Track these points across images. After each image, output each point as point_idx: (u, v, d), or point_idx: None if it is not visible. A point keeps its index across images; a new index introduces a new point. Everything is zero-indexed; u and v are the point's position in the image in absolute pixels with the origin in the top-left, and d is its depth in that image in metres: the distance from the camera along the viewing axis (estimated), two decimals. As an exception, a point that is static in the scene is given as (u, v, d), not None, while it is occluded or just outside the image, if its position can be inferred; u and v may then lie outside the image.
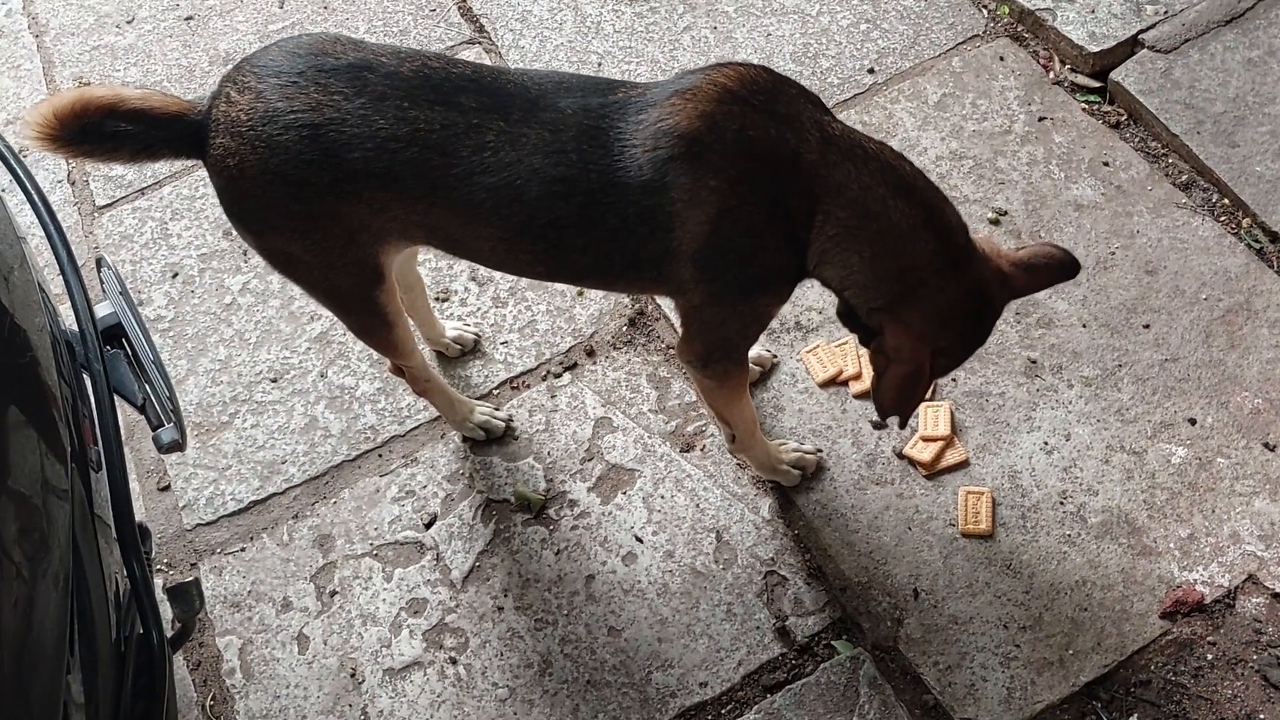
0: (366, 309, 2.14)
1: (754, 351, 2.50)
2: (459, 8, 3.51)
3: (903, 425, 2.19)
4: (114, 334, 1.86)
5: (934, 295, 1.90)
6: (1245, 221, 2.75)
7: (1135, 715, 2.11)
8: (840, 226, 1.89)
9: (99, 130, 1.87)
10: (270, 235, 1.98)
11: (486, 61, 3.33)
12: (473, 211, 1.89)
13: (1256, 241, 2.71)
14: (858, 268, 1.91)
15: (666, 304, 2.76)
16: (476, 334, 2.77)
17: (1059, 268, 2.02)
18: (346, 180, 1.85)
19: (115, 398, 1.74)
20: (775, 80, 1.92)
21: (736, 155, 1.85)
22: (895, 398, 2.00)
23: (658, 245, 1.91)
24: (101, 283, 1.97)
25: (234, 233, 3.01)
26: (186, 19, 3.60)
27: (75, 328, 1.78)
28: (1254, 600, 2.21)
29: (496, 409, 2.63)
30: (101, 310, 1.85)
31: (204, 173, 3.14)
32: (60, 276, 1.74)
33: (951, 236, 1.90)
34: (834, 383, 2.59)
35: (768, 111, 1.88)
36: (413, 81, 1.85)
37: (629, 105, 1.88)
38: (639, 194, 1.85)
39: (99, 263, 1.98)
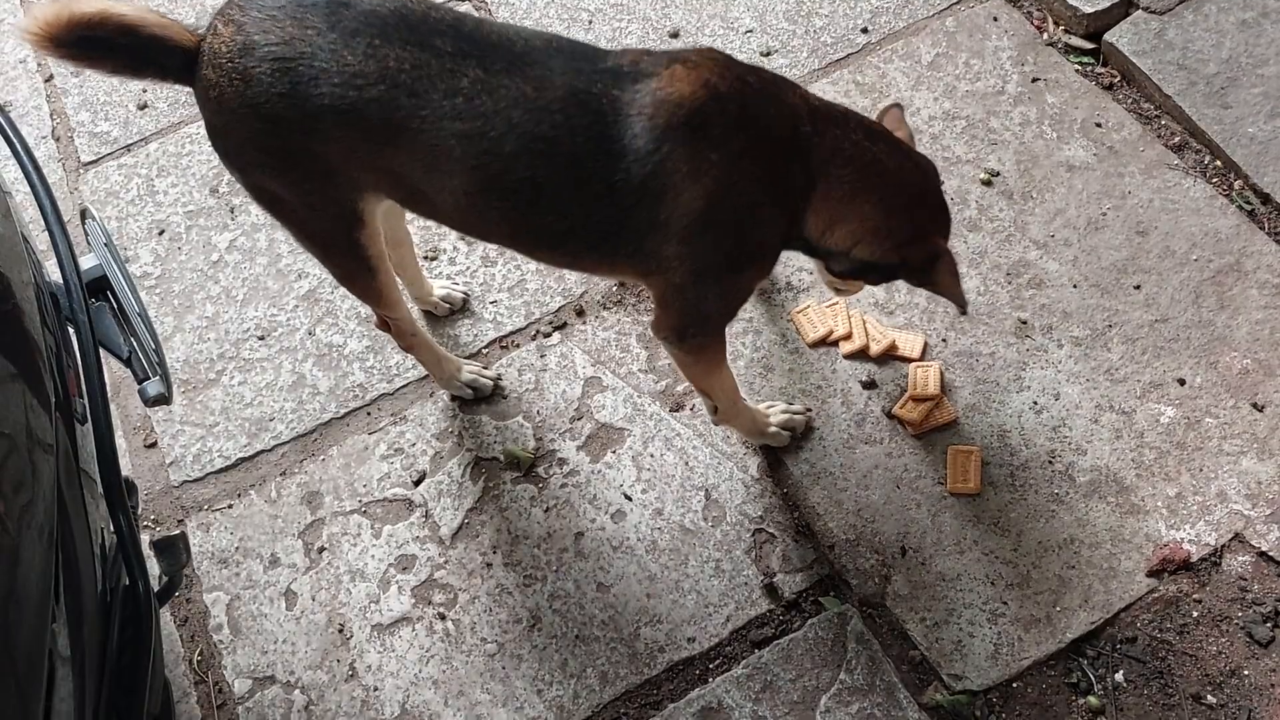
0: (348, 253, 2.12)
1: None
2: (448, -36, 3.46)
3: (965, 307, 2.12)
4: (99, 287, 1.84)
5: (933, 202, 2.06)
6: (1237, 183, 2.74)
7: (1121, 671, 2.12)
8: (847, 185, 1.95)
9: (93, 39, 1.84)
10: (252, 172, 1.97)
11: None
12: (440, 158, 1.85)
13: (1248, 203, 2.70)
14: (871, 215, 1.98)
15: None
16: (465, 293, 2.75)
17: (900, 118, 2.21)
18: (314, 117, 1.83)
19: (101, 350, 1.73)
20: (746, 64, 1.96)
21: (739, 129, 1.85)
22: (955, 284, 2.03)
23: (643, 217, 1.88)
24: (86, 235, 1.95)
25: (221, 190, 3.00)
26: (171, -27, 3.55)
27: (60, 280, 1.76)
28: (1240, 558, 2.22)
29: (485, 368, 2.62)
30: (86, 262, 1.83)
31: (191, 129, 3.14)
32: (45, 231, 1.72)
33: (916, 154, 2.08)
34: (824, 343, 2.58)
35: (761, 86, 1.90)
36: (388, 20, 1.82)
37: (623, 73, 1.86)
38: (631, 163, 1.83)
39: (84, 214, 1.96)
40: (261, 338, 2.74)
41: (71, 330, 1.76)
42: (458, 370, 2.57)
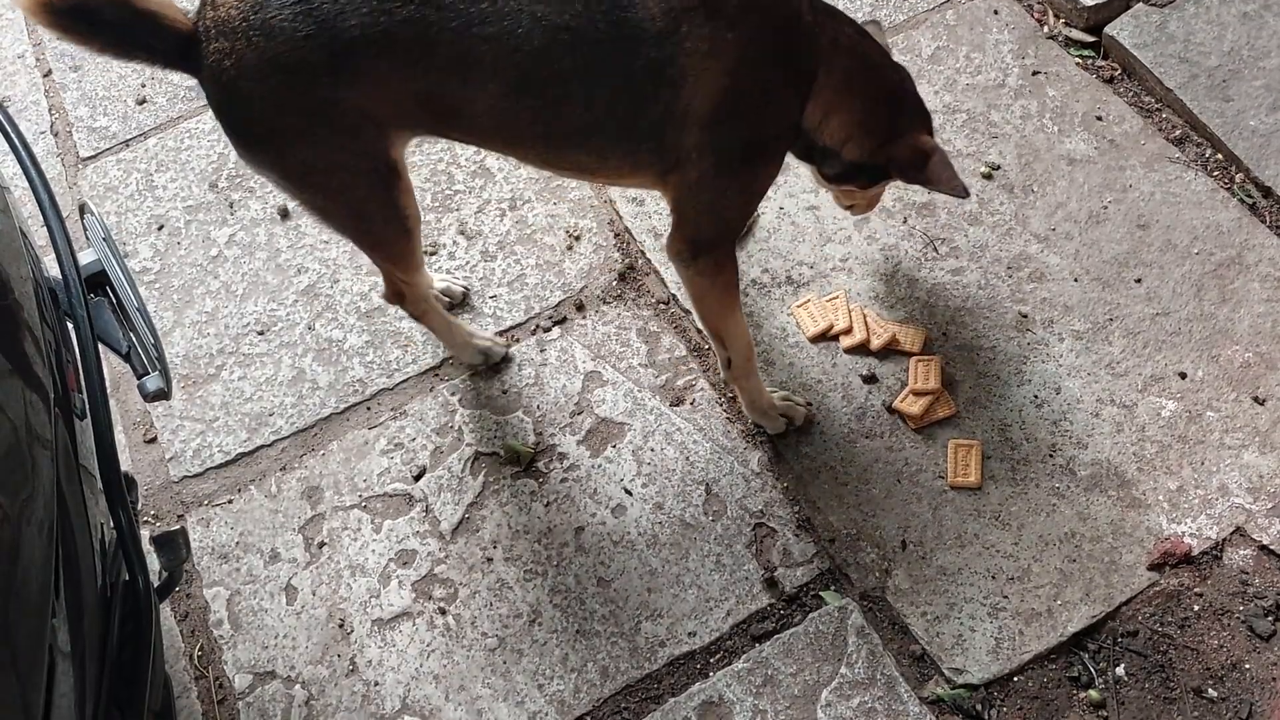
0: (386, 214, 2.10)
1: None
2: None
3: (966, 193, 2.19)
4: (98, 282, 1.84)
5: (914, 103, 2.20)
6: (1238, 176, 2.73)
7: (1122, 665, 2.12)
8: (843, 74, 2.05)
9: (86, 9, 1.80)
10: (277, 144, 1.94)
11: None
12: (471, 68, 1.86)
13: (1249, 196, 2.69)
14: (860, 110, 2.09)
15: (656, 257, 2.74)
16: (465, 287, 2.75)
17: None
18: (345, 54, 1.81)
19: (100, 346, 1.72)
20: None
21: (753, 8, 1.91)
22: (948, 173, 2.12)
23: (664, 106, 1.92)
24: (85, 230, 1.94)
25: (220, 185, 2.99)
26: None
27: (59, 275, 1.76)
28: (1241, 552, 2.22)
29: (497, 339, 2.64)
30: (85, 257, 1.83)
31: (190, 124, 3.13)
32: (44, 226, 1.71)
33: (891, 60, 2.22)
34: (824, 337, 2.58)
35: None
36: None
37: None
38: (650, 46, 1.86)
39: (82, 209, 1.95)
40: (261, 333, 2.73)
41: (70, 325, 1.75)
42: (470, 337, 2.58)
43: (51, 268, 1.76)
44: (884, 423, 2.45)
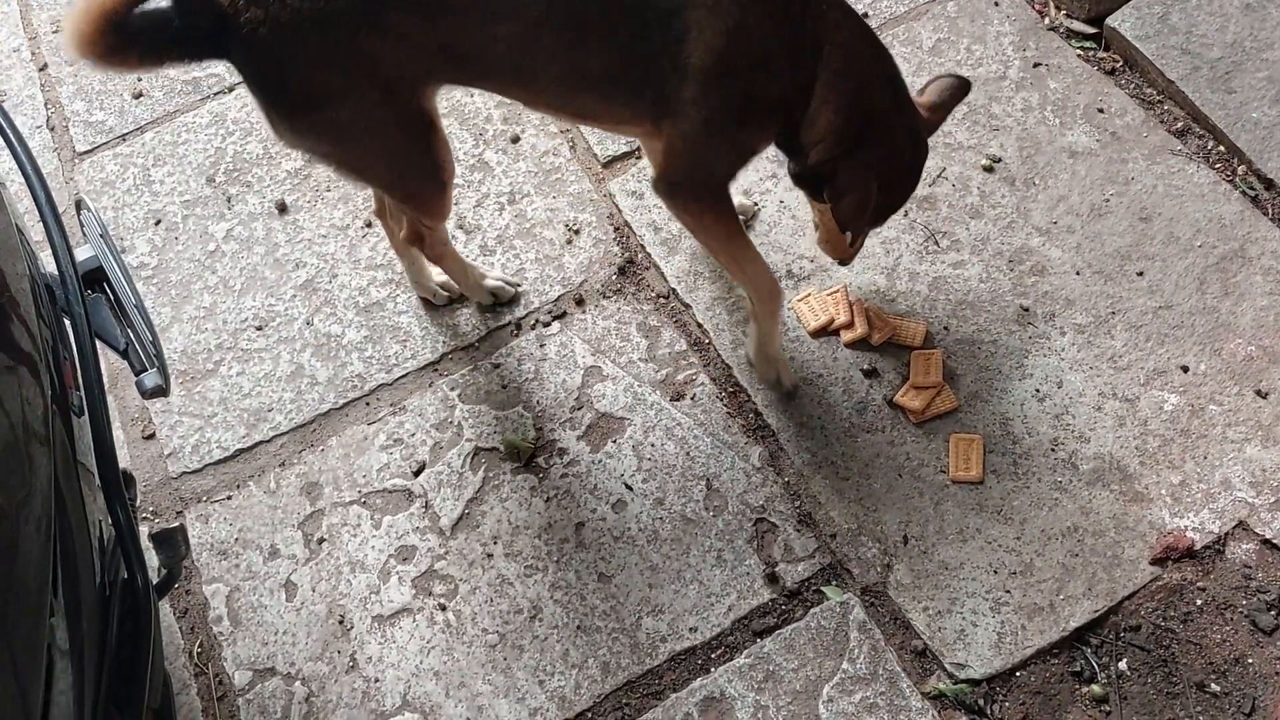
0: (423, 167, 2.19)
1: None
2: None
3: (853, 241, 2.33)
4: (95, 278, 1.83)
5: (885, 136, 2.15)
6: (1240, 168, 2.72)
7: (1125, 660, 2.12)
8: (840, 62, 2.07)
9: (124, 26, 1.88)
10: (316, 106, 2.00)
11: None
12: (494, 11, 1.95)
13: (1251, 189, 2.68)
14: (843, 115, 2.10)
15: (656, 251, 2.73)
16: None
17: (956, 91, 2.32)
18: (374, 6, 1.90)
19: (97, 342, 1.71)
20: None
21: None
22: (854, 216, 2.16)
23: (669, 55, 1.98)
24: (82, 226, 1.93)
25: (217, 180, 2.98)
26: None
27: (56, 271, 1.74)
28: (1244, 546, 2.21)
29: (508, 279, 2.71)
30: (82, 253, 1.82)
31: (187, 118, 3.12)
32: (41, 222, 1.70)
33: (901, 88, 2.19)
34: (825, 331, 2.57)
35: None
36: None
37: None
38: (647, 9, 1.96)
39: (78, 205, 1.94)
40: (259, 328, 2.72)
41: (68, 322, 1.74)
42: (482, 279, 2.67)
43: (48, 264, 1.75)
44: (885, 417, 2.44)
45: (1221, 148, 2.76)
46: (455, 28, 1.99)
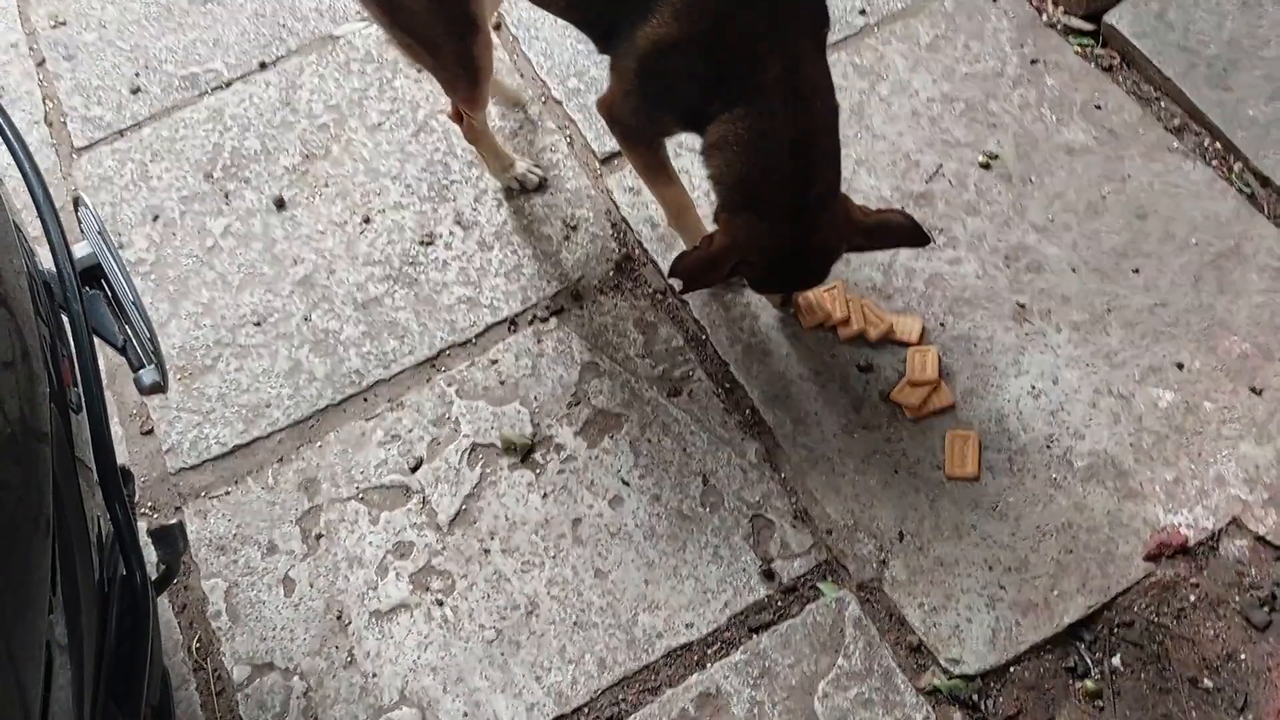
0: (462, 61, 2.42)
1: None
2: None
3: (680, 292, 2.46)
4: (93, 275, 1.83)
5: (763, 226, 2.15)
6: (1237, 166, 2.73)
7: (1118, 655, 2.13)
8: (741, 133, 2.08)
9: None
10: None
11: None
12: None
13: (1247, 186, 2.69)
14: (728, 175, 2.15)
15: (653, 247, 2.74)
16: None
17: (900, 234, 2.22)
18: None
19: (95, 339, 1.72)
20: None
21: (711, 12, 2.02)
22: (690, 271, 2.23)
23: (630, 22, 2.11)
24: (79, 223, 1.94)
25: (215, 175, 2.98)
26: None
27: (53, 268, 1.75)
28: (1237, 543, 2.22)
29: (534, 165, 2.89)
30: (79, 250, 1.82)
31: (184, 113, 3.12)
32: (38, 219, 1.70)
33: (809, 189, 2.12)
34: (821, 327, 2.57)
35: (764, 7, 2.01)
36: None
37: None
38: None
39: (76, 202, 1.94)
40: (258, 324, 2.72)
41: (65, 319, 1.75)
42: (511, 165, 2.85)
43: (46, 260, 1.76)
44: (881, 413, 2.45)
45: (1218, 145, 2.77)
46: None
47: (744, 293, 2.63)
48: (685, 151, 2.66)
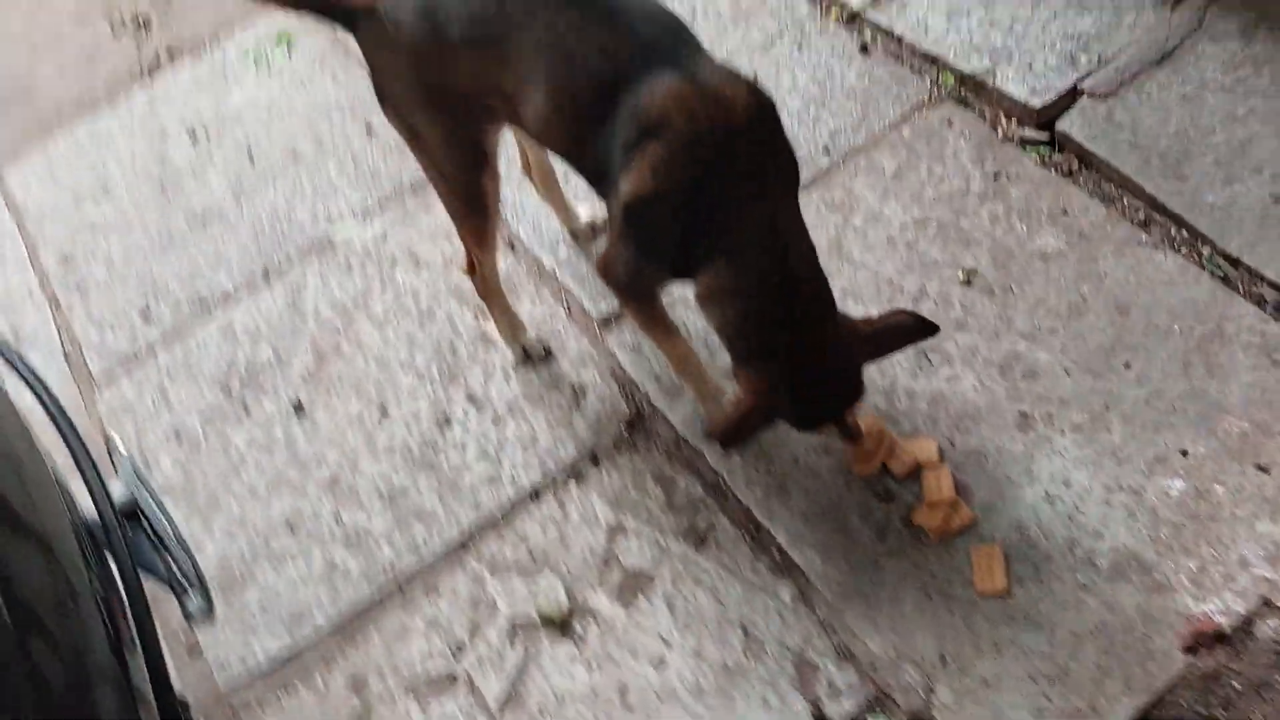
0: (470, 190, 2.56)
1: None
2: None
3: (725, 450, 2.49)
4: (131, 512, 1.91)
5: (779, 367, 2.24)
6: (1206, 251, 2.83)
7: (1174, 753, 2.14)
8: (729, 282, 2.23)
9: None
10: (403, 109, 2.46)
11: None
12: (533, 78, 2.24)
13: (1219, 269, 2.79)
14: (728, 327, 2.28)
15: (661, 402, 2.83)
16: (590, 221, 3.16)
17: (909, 332, 2.34)
18: (449, 56, 2.29)
19: (141, 574, 1.78)
20: (765, 131, 2.21)
21: (695, 162, 2.13)
22: (727, 433, 2.32)
23: (614, 179, 2.23)
24: (114, 464, 2.02)
25: (233, 388, 3.09)
26: (160, 185, 3.70)
27: (93, 509, 1.83)
28: (1270, 623, 2.25)
29: (544, 341, 3.03)
30: (117, 491, 1.90)
31: (196, 332, 3.25)
32: (75, 467, 1.78)
33: (810, 320, 2.24)
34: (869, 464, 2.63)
35: (738, 160, 2.15)
36: None
37: (654, 61, 2.15)
38: (624, 128, 2.18)
39: (109, 446, 2.04)
40: (290, 529, 2.80)
41: (110, 556, 1.82)
42: (521, 330, 3.01)
43: (80, 495, 1.83)
44: (905, 538, 2.50)
45: (1184, 233, 2.88)
46: (508, 81, 2.28)
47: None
48: (680, 303, 2.78)
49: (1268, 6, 3.19)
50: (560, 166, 3.04)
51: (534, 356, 3.00)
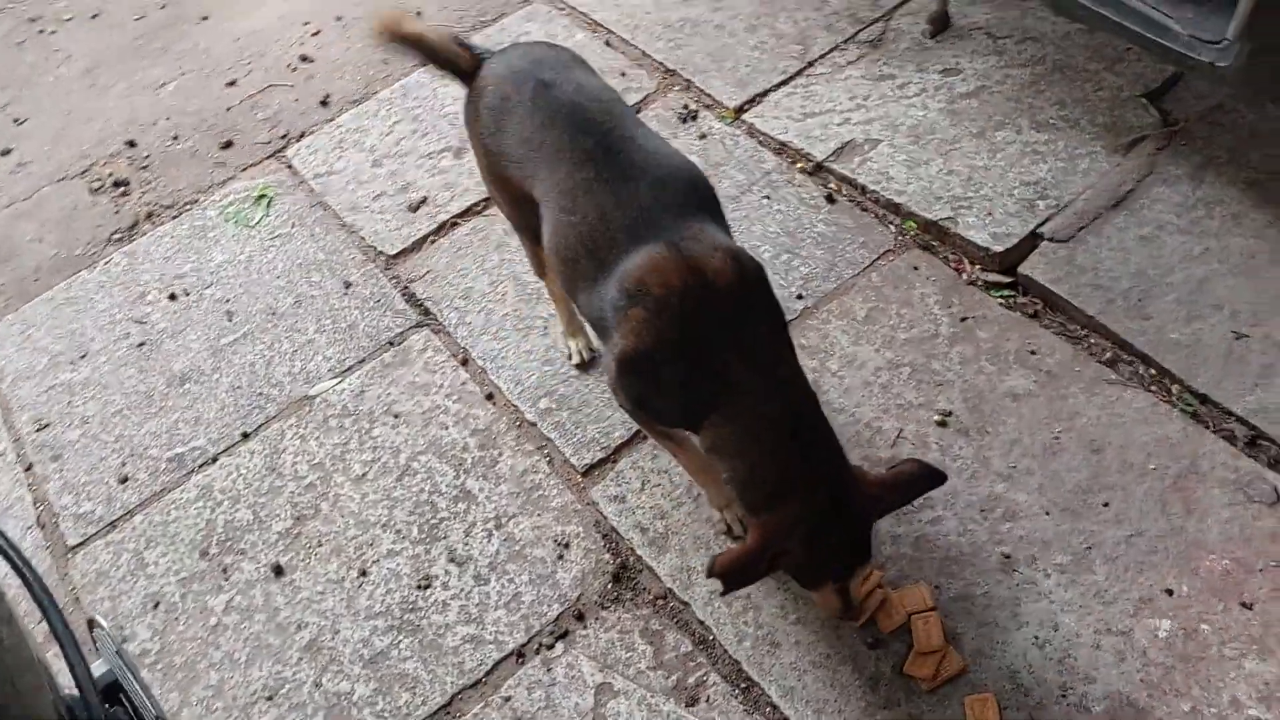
0: (534, 236, 2.69)
1: None
2: (403, 295, 3.67)
3: (722, 594, 2.37)
4: (113, 690, 1.87)
5: (792, 513, 2.24)
6: (1174, 388, 2.90)
7: None
8: (732, 436, 2.28)
9: (410, 45, 2.82)
10: (485, 176, 2.88)
11: (437, 343, 3.46)
12: (548, 210, 2.49)
13: (1189, 405, 2.85)
14: (736, 476, 2.31)
15: (646, 552, 2.82)
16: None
17: (920, 482, 2.35)
18: (503, 156, 2.63)
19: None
20: (750, 294, 2.30)
21: (676, 326, 2.22)
22: (727, 571, 2.25)
23: (610, 327, 2.34)
24: (94, 642, 1.99)
25: (211, 552, 3.05)
26: (139, 345, 3.71)
27: (73, 689, 1.79)
28: (1269, 767, 2.24)
29: (590, 343, 3.28)
30: (98, 669, 1.87)
31: (174, 495, 3.22)
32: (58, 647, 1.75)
33: (820, 470, 2.27)
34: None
35: (722, 323, 2.23)
36: (564, 110, 2.49)
37: (645, 234, 2.30)
38: (613, 291, 2.31)
39: (90, 624, 2.00)
40: (269, 698, 2.74)
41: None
42: (577, 332, 3.26)
43: (61, 674, 1.79)
44: (898, 688, 2.48)
45: (1152, 371, 2.95)
46: (542, 197, 2.53)
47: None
48: (660, 461, 2.79)
49: (1214, 151, 3.34)
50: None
51: (571, 359, 3.29)
